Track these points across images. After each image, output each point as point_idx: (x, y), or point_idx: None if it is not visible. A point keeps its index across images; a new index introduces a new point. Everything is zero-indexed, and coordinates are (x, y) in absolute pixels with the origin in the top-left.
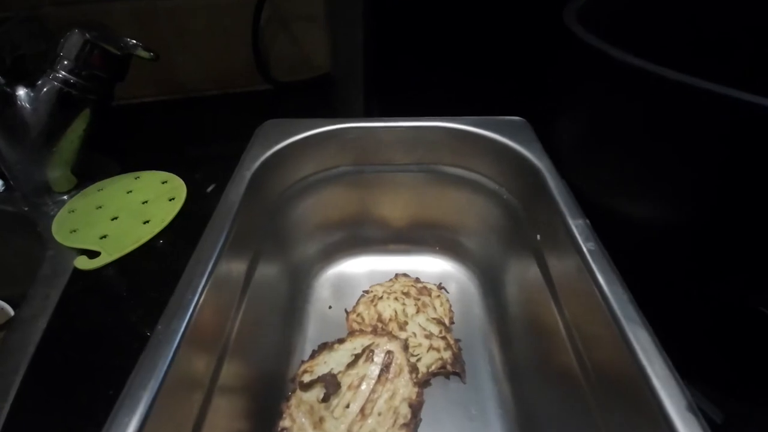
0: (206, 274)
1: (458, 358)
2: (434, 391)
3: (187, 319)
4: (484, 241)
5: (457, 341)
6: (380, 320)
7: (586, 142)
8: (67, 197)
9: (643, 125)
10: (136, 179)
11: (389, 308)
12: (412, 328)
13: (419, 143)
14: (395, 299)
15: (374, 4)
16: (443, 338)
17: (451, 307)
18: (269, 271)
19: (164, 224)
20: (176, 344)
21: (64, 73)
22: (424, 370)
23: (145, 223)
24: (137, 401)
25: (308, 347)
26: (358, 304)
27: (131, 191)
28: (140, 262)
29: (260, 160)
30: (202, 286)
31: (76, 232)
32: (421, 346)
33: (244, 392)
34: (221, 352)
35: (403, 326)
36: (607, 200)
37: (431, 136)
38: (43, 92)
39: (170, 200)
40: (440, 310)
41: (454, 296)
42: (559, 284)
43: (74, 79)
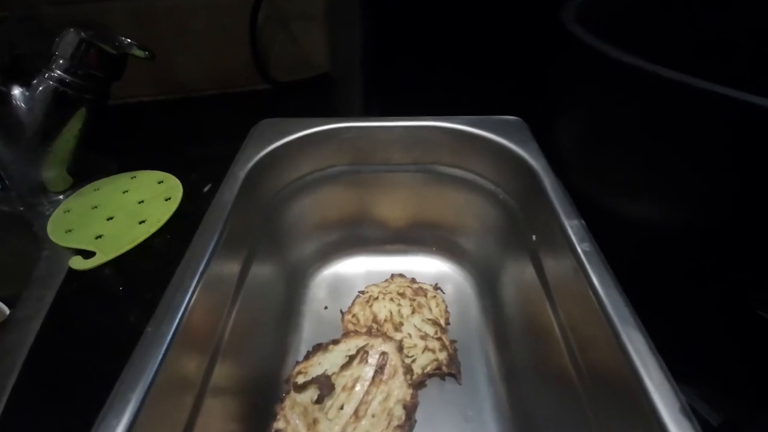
0: (197, 274)
1: (454, 359)
2: (430, 392)
3: (177, 320)
4: (481, 241)
5: (452, 342)
6: (375, 321)
7: (585, 142)
8: (62, 197)
9: (641, 125)
10: (132, 179)
11: (384, 309)
12: (407, 329)
13: (416, 143)
14: (391, 300)
15: (372, 3)
16: (439, 339)
17: (447, 307)
18: (264, 271)
19: (160, 224)
20: (166, 346)
21: (59, 72)
22: (419, 371)
23: (141, 223)
24: (125, 404)
25: (303, 348)
26: (353, 304)
27: (127, 191)
28: (136, 262)
29: (254, 159)
30: (193, 286)
31: (71, 232)
32: (416, 347)
33: (237, 394)
34: (213, 353)
35: (398, 327)
36: (606, 200)
37: (428, 135)
38: (38, 91)
39: (166, 200)
40: (436, 310)
41: (450, 297)
42: (554, 285)
43: (70, 78)
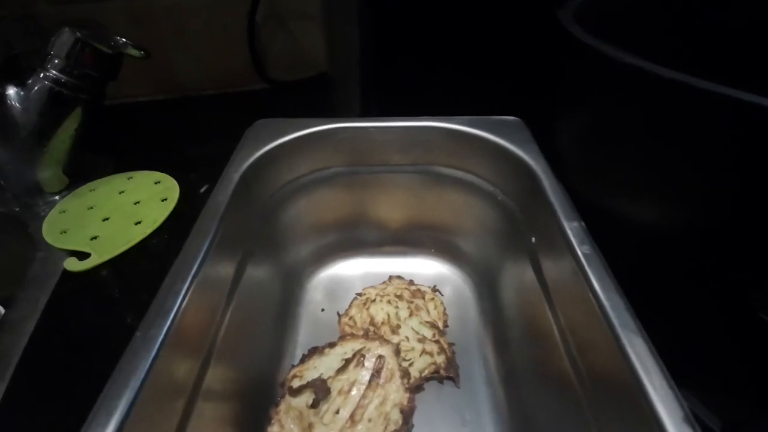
0: (190, 276)
1: (452, 362)
2: (428, 396)
3: (168, 323)
4: (480, 243)
5: (450, 345)
6: (372, 324)
7: (584, 142)
8: (58, 197)
9: (641, 125)
10: (128, 180)
11: (382, 311)
12: (404, 331)
13: (414, 143)
14: (388, 302)
15: (370, 2)
16: (436, 342)
17: (445, 310)
18: (260, 273)
19: (156, 225)
20: (156, 349)
21: (55, 72)
22: (416, 374)
23: (137, 224)
24: (113, 408)
25: (299, 351)
26: (350, 307)
27: (123, 192)
28: (131, 263)
29: (249, 160)
30: (185, 289)
31: (66, 233)
32: (413, 350)
33: (231, 398)
34: (206, 356)
35: (395, 330)
36: (605, 201)
37: (426, 136)
38: (33, 91)
39: (163, 201)
40: (434, 313)
41: (449, 299)
42: (553, 288)
43: (65, 78)
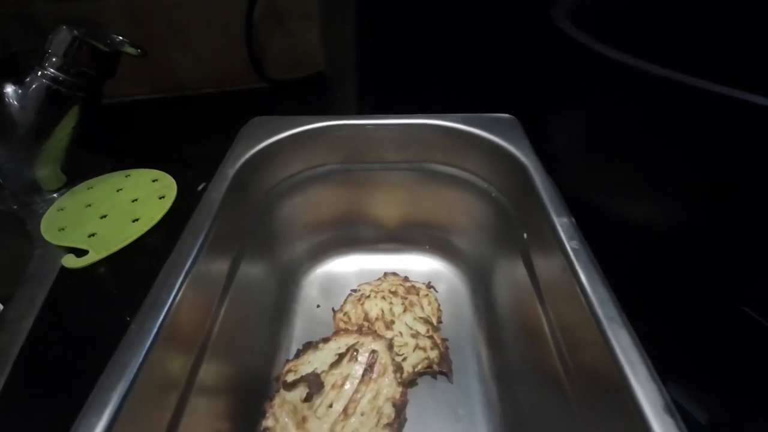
0: (183, 272)
1: (445, 357)
2: (421, 390)
3: (161, 318)
4: (474, 240)
5: (444, 340)
6: (367, 319)
7: (577, 140)
8: (56, 195)
9: (633, 123)
10: (126, 177)
11: (376, 307)
12: (398, 327)
13: (408, 141)
14: (382, 298)
15: (366, 2)
16: (430, 337)
17: (439, 306)
18: (255, 269)
19: (153, 223)
20: (149, 344)
21: (52, 70)
22: (410, 369)
23: (134, 221)
24: (107, 401)
25: (294, 346)
26: (345, 303)
27: (121, 189)
28: (128, 260)
29: (244, 158)
30: (178, 284)
31: (64, 230)
32: (407, 345)
33: (226, 392)
34: (200, 351)
35: (389, 325)
36: (597, 198)
37: (420, 133)
38: (31, 89)
39: (160, 199)
40: (428, 309)
41: (443, 295)
42: (544, 284)
43: (63, 76)
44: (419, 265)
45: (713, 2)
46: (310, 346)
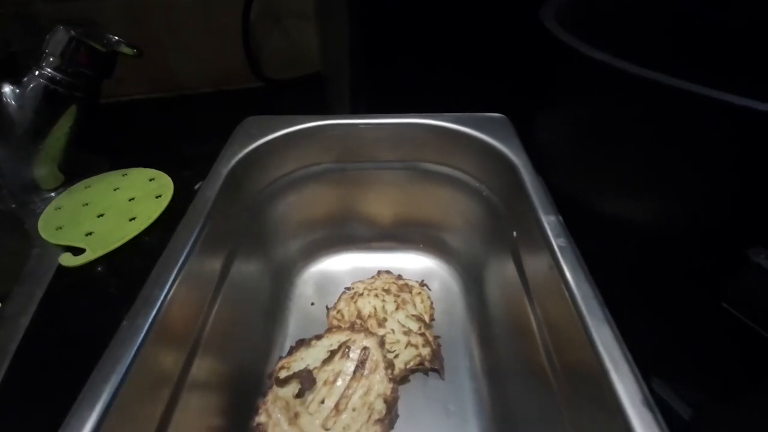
0: (176, 269)
1: (437, 354)
2: (413, 387)
3: (153, 314)
4: (466, 238)
5: (436, 338)
6: (360, 317)
7: (567, 141)
8: (54, 194)
9: (620, 124)
10: (123, 176)
11: (369, 305)
12: (390, 324)
13: (401, 140)
14: (375, 296)
15: (359, 2)
16: (422, 335)
17: (432, 304)
18: (249, 268)
19: (150, 221)
20: (141, 339)
21: (50, 70)
22: (401, 366)
23: (131, 220)
24: (98, 395)
25: (288, 344)
26: (339, 300)
27: (118, 188)
28: (125, 259)
29: (238, 156)
30: (170, 281)
31: (61, 229)
32: (399, 342)
33: (219, 388)
34: (192, 348)
35: (382, 323)
36: (588, 198)
37: (413, 132)
38: (29, 89)
39: (157, 198)
40: (420, 306)
41: (436, 293)
42: (532, 281)
43: (60, 76)
44: (413, 263)
45: (708, 2)
46: (302, 343)
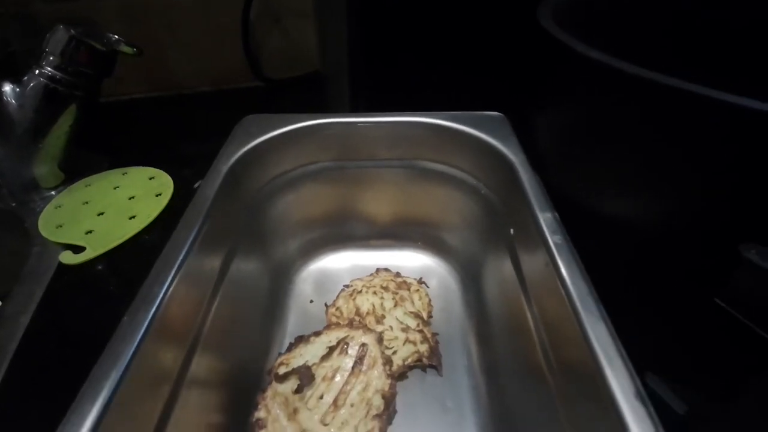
0: (175, 267)
1: (435, 351)
2: (411, 384)
3: (152, 312)
4: (464, 236)
5: (434, 335)
6: (358, 314)
7: (563, 139)
8: (54, 193)
9: (615, 123)
10: (123, 175)
11: (367, 302)
12: (389, 321)
13: (399, 138)
14: (374, 293)
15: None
16: (420, 332)
17: (430, 301)
18: (248, 265)
19: (150, 220)
20: (140, 337)
21: (50, 69)
22: (399, 362)
23: (131, 218)
24: (98, 391)
25: (288, 341)
26: (337, 298)
27: (118, 187)
28: (125, 257)
29: (237, 155)
30: (170, 279)
31: (62, 227)
32: (397, 339)
33: (218, 385)
34: (191, 345)
35: (380, 320)
36: (583, 196)
37: (411, 131)
38: (29, 88)
39: (157, 196)
40: (418, 304)
41: (434, 291)
42: (529, 278)
43: (60, 75)
44: (411, 261)
45: (707, 2)
46: (301, 339)
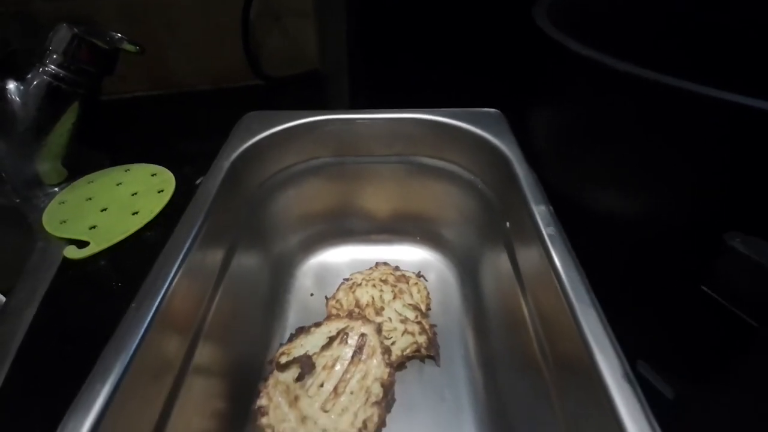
0: (177, 262)
1: (433, 342)
2: (409, 374)
3: (155, 305)
4: (462, 231)
5: (432, 326)
6: (358, 306)
7: (557, 136)
8: (57, 189)
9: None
10: (126, 172)
11: (367, 294)
12: (388, 313)
13: (398, 134)
14: (373, 286)
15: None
16: (418, 323)
17: (428, 294)
18: (249, 259)
19: (152, 215)
20: (144, 328)
21: (53, 67)
22: (398, 353)
23: (134, 214)
24: (106, 377)
25: (288, 333)
26: (337, 290)
27: (121, 183)
28: (129, 252)
29: (239, 150)
30: (173, 272)
31: (65, 222)
32: (396, 330)
33: (221, 374)
34: (194, 337)
35: (379, 311)
36: (576, 191)
37: (409, 127)
38: (32, 86)
39: (159, 192)
40: (417, 296)
41: (433, 285)
42: (524, 271)
43: (63, 73)
44: (410, 255)
45: (702, 4)
46: (302, 330)
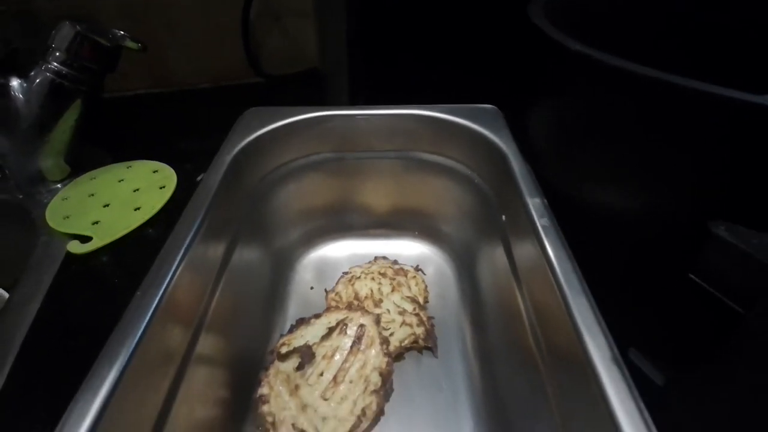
0: (179, 256)
1: (430, 333)
2: (408, 365)
3: (158, 297)
4: (459, 225)
5: (430, 318)
6: (357, 298)
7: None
8: (60, 186)
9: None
10: (127, 168)
11: (366, 287)
12: (386, 305)
13: (396, 130)
14: (372, 279)
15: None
16: (416, 315)
17: (426, 287)
18: (250, 253)
19: (154, 211)
20: (148, 318)
21: (56, 64)
22: (396, 343)
23: (136, 210)
24: (111, 366)
25: (289, 324)
26: (337, 284)
27: (123, 180)
28: (130, 247)
29: (239, 146)
30: (175, 266)
31: (68, 218)
32: (394, 321)
33: (223, 365)
34: (196, 328)
35: (378, 303)
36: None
37: (407, 123)
38: (35, 83)
39: (161, 188)
40: (415, 289)
41: (431, 278)
42: (519, 263)
43: (66, 70)
44: (408, 249)
45: (701, 4)
46: (302, 321)
